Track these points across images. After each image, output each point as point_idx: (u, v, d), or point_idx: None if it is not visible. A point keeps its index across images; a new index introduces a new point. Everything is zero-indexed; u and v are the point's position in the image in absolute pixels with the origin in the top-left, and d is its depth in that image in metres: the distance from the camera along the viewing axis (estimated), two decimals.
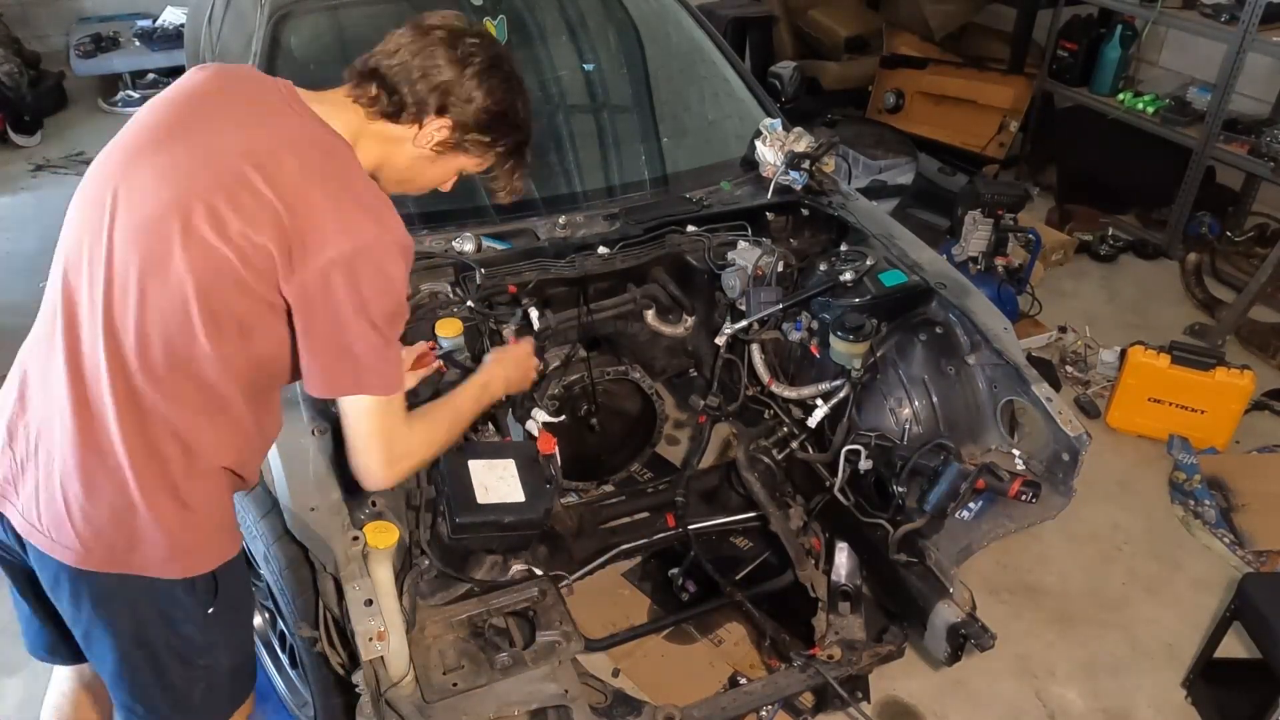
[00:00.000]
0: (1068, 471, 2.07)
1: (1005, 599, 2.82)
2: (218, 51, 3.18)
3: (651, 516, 2.63)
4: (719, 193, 2.67)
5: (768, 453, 2.48)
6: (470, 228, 2.41)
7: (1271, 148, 3.95)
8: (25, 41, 5.70)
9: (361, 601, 1.66)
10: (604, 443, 2.70)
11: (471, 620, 2.04)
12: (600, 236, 2.46)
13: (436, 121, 1.50)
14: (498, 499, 1.94)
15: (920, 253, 2.45)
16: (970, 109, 5.02)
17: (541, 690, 1.89)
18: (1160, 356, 3.33)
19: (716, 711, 2.08)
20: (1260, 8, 3.87)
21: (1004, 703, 2.55)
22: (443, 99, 1.49)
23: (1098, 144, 4.72)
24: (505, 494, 1.95)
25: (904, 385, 2.28)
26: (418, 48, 1.49)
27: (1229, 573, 2.90)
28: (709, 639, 2.59)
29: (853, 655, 2.20)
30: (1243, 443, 3.42)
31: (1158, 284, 4.35)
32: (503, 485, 1.96)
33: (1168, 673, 2.63)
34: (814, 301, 2.36)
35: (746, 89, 2.99)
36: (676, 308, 2.60)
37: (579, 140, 2.83)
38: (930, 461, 2.08)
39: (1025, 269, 3.81)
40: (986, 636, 2.02)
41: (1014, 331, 2.26)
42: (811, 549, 2.45)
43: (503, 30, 2.77)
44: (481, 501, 1.92)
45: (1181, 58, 4.76)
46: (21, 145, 5.28)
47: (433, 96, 1.48)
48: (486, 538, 2.02)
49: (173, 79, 1.60)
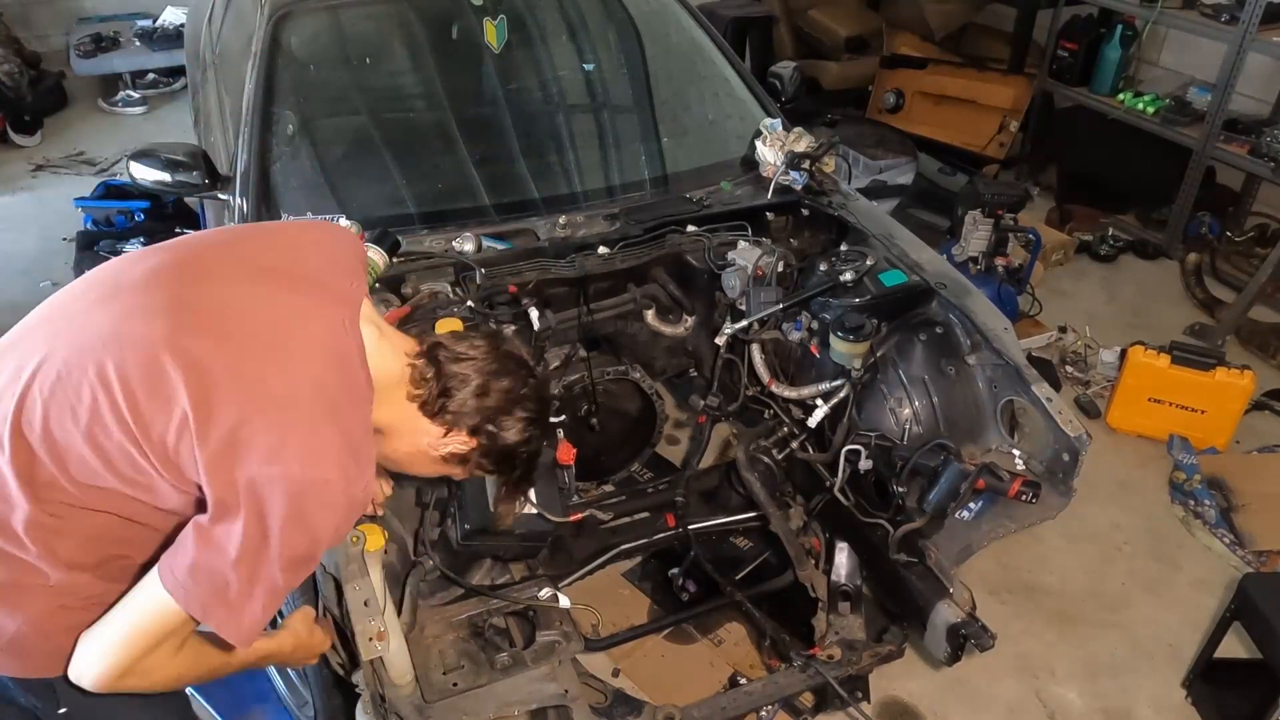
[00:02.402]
0: (1068, 471, 2.07)
1: (1005, 599, 2.82)
2: (218, 51, 3.19)
3: (651, 516, 2.63)
4: (719, 193, 2.67)
5: (768, 453, 2.48)
6: (470, 228, 2.41)
7: (1271, 148, 3.95)
8: (25, 41, 5.70)
9: (361, 601, 1.66)
10: (604, 443, 2.70)
11: (471, 620, 2.04)
12: (600, 236, 2.46)
13: (463, 437, 1.46)
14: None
15: (920, 253, 2.45)
16: (970, 109, 5.02)
17: (541, 690, 1.89)
18: (1160, 356, 3.33)
19: (716, 711, 2.08)
20: (1260, 8, 3.87)
21: (1004, 703, 2.55)
22: (483, 423, 1.45)
23: (1098, 144, 4.72)
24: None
25: (904, 385, 2.28)
26: (486, 365, 1.45)
27: (1229, 573, 2.90)
28: (709, 639, 2.59)
29: (853, 655, 2.19)
30: (1243, 443, 3.42)
31: (1158, 284, 4.35)
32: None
33: (1168, 673, 2.63)
34: (814, 301, 2.36)
35: (746, 89, 2.99)
36: (676, 308, 2.60)
37: (579, 140, 2.84)
38: (930, 461, 2.08)
39: (1025, 269, 3.81)
40: (986, 636, 2.02)
41: (1014, 331, 2.26)
42: (811, 549, 2.45)
43: (503, 30, 2.77)
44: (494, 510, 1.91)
45: (1181, 58, 4.76)
46: (21, 145, 5.28)
47: (477, 417, 1.44)
48: (497, 546, 2.02)
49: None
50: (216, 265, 1.39)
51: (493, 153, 2.72)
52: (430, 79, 2.85)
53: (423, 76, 2.86)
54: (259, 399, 1.24)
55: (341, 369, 1.33)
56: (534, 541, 2.00)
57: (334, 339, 1.34)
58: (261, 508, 1.22)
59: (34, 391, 1.27)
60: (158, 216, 4.33)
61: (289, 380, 1.27)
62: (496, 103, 2.82)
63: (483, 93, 2.88)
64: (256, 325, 1.30)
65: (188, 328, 1.27)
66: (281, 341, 1.30)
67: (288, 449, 1.22)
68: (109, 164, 5.09)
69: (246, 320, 1.30)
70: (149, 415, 1.23)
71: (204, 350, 1.25)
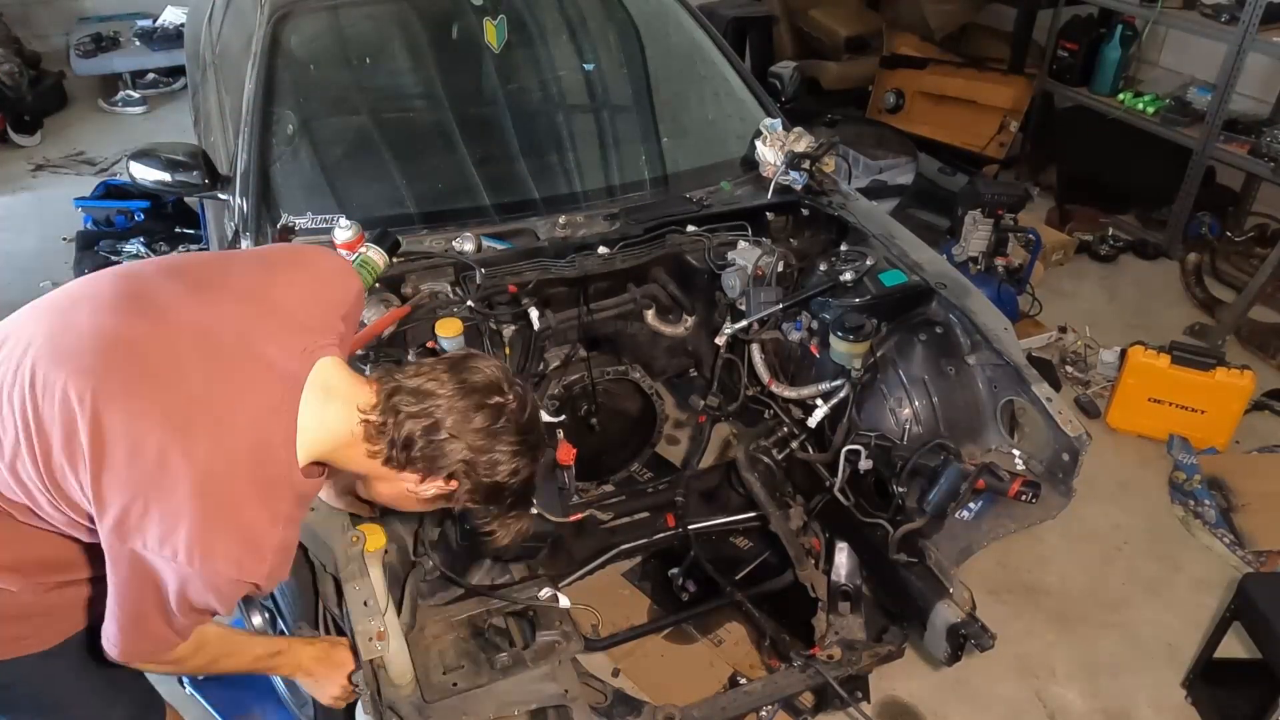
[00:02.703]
0: (1068, 471, 2.07)
1: (1005, 599, 2.82)
2: (218, 51, 3.19)
3: (651, 516, 2.63)
4: (719, 193, 2.67)
5: (768, 453, 2.48)
6: (470, 228, 2.41)
7: (1271, 148, 3.95)
8: (25, 41, 5.71)
9: (361, 601, 1.66)
10: (604, 443, 2.70)
11: (471, 620, 2.04)
12: (600, 236, 2.46)
13: (440, 482, 1.37)
14: None
15: (920, 253, 2.45)
16: (970, 109, 5.02)
17: (541, 690, 1.89)
18: (1160, 356, 3.33)
19: (716, 711, 2.08)
20: (1260, 8, 3.87)
21: (1004, 703, 2.55)
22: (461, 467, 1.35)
23: (1098, 144, 4.72)
24: None
25: (904, 385, 2.28)
26: (453, 404, 1.33)
27: (1229, 573, 2.90)
28: (709, 639, 2.59)
29: (853, 655, 2.19)
30: (1243, 443, 3.42)
31: (1158, 284, 4.35)
32: None
33: (1168, 673, 2.63)
34: (814, 301, 2.36)
35: (746, 89, 2.99)
36: (676, 308, 2.60)
37: (579, 140, 2.83)
38: (930, 461, 2.08)
39: (1025, 269, 3.81)
40: (986, 636, 2.02)
41: (1014, 331, 2.26)
42: (811, 549, 2.45)
43: (503, 30, 2.77)
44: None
45: (1181, 58, 4.76)
46: (21, 145, 5.28)
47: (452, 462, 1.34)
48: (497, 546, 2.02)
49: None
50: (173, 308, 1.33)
51: (493, 153, 2.71)
52: (430, 79, 2.85)
53: (423, 76, 2.86)
54: (157, 483, 1.22)
55: (256, 455, 1.27)
56: (534, 541, 2.00)
57: (257, 424, 1.28)
58: (153, 578, 1.25)
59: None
60: (158, 216, 4.34)
61: (191, 466, 1.22)
62: (496, 102, 2.82)
63: (483, 92, 2.88)
64: (181, 396, 1.26)
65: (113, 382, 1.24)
66: (199, 420, 1.25)
67: (177, 538, 1.21)
68: (109, 164, 5.09)
69: (172, 389, 1.26)
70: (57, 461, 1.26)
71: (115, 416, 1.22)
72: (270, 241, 2.32)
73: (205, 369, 1.28)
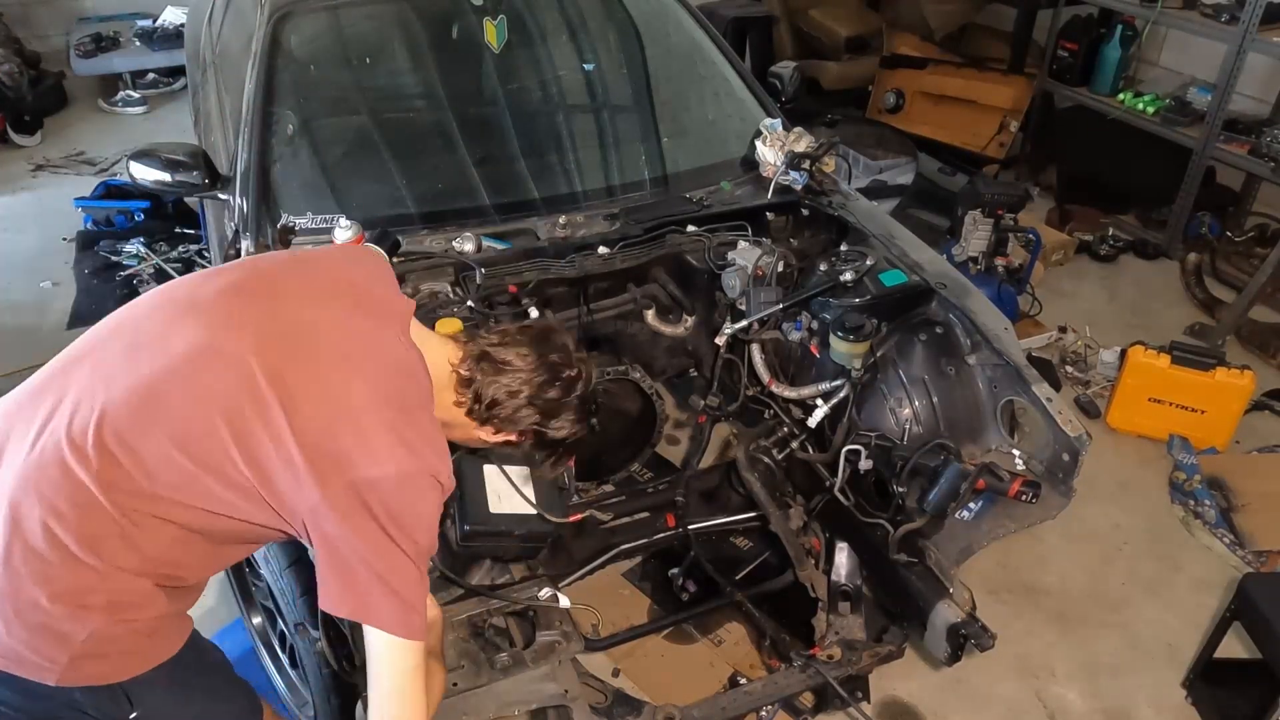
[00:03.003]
0: (1068, 471, 2.07)
1: (1005, 599, 2.82)
2: (218, 51, 3.19)
3: (651, 516, 2.63)
4: (719, 193, 2.67)
5: (768, 453, 2.48)
6: (470, 227, 2.41)
7: (1271, 148, 3.95)
8: (25, 41, 5.70)
9: None
10: (604, 443, 2.70)
11: (471, 620, 2.03)
12: (600, 236, 2.46)
13: (513, 435, 1.59)
14: (510, 509, 1.93)
15: (920, 253, 2.45)
16: (970, 109, 5.01)
17: (541, 690, 1.89)
18: (1160, 356, 3.33)
19: (716, 711, 2.08)
20: (1260, 8, 3.87)
21: (1004, 703, 2.55)
22: (531, 426, 1.56)
23: (1098, 144, 4.72)
24: (519, 503, 1.94)
25: (904, 385, 2.28)
26: (533, 377, 1.53)
27: (1229, 573, 2.90)
28: (709, 639, 2.59)
29: (853, 655, 2.19)
30: (1243, 443, 3.42)
31: (1158, 284, 4.35)
32: (517, 493, 1.95)
33: (1168, 673, 2.63)
34: (814, 301, 2.36)
35: (746, 89, 2.99)
36: (676, 308, 2.60)
37: (579, 140, 2.83)
38: (930, 461, 2.08)
39: (1025, 269, 3.81)
40: (986, 636, 2.02)
41: (1014, 331, 2.26)
42: (811, 549, 2.45)
43: (503, 30, 2.77)
44: (494, 510, 1.91)
45: (1181, 58, 4.77)
46: (21, 145, 5.28)
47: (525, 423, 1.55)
48: (496, 546, 2.02)
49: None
50: (285, 288, 1.50)
51: (493, 153, 2.71)
52: (430, 79, 2.85)
53: (423, 76, 2.86)
54: (346, 410, 1.36)
55: (410, 377, 1.45)
56: (534, 542, 2.00)
57: (398, 352, 1.46)
58: (371, 509, 1.33)
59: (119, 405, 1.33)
60: (158, 216, 4.34)
61: (370, 390, 1.38)
62: (496, 102, 2.82)
63: (483, 92, 2.88)
64: (331, 344, 1.42)
65: (272, 346, 1.38)
66: (355, 358, 1.42)
67: (380, 450, 1.34)
68: (109, 164, 5.09)
69: (322, 340, 1.42)
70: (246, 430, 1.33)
71: (289, 368, 1.36)
72: (270, 242, 2.32)
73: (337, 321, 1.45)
